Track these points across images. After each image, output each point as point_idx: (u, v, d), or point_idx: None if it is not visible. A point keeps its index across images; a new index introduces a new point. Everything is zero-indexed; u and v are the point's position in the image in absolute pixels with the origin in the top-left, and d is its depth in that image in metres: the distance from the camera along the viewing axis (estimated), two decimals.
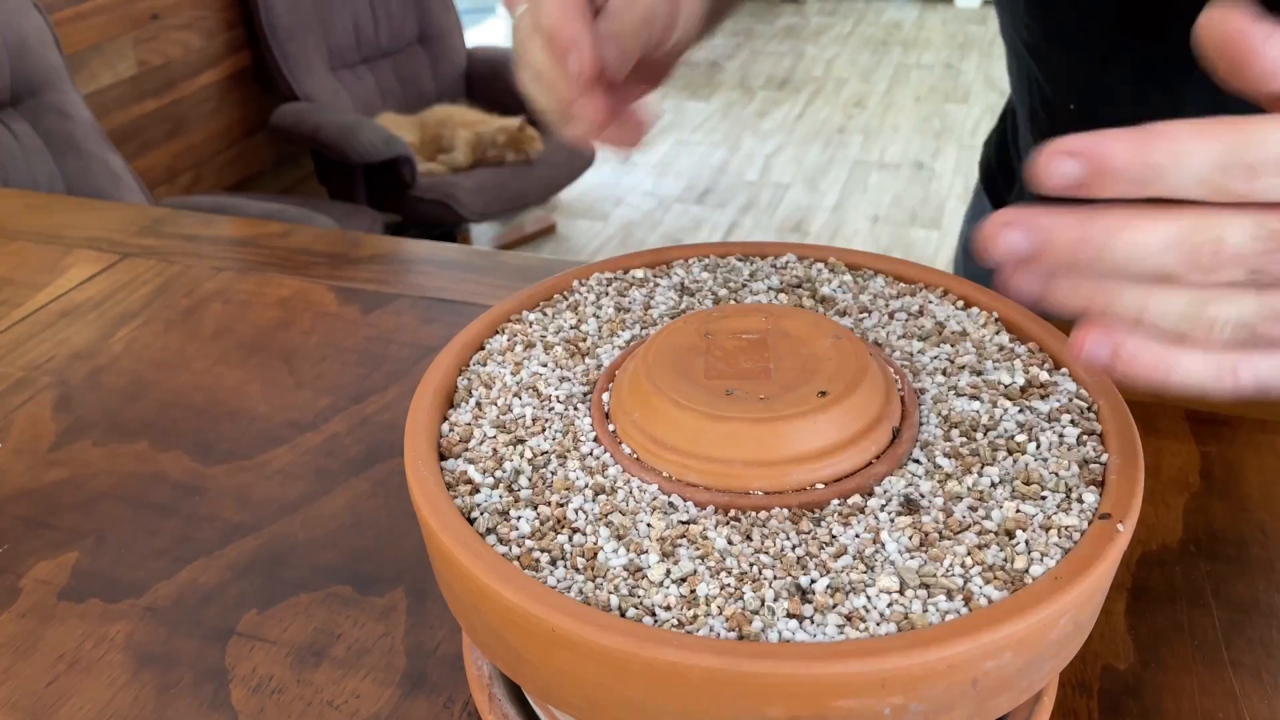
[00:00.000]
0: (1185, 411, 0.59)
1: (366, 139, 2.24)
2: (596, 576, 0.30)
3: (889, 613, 0.29)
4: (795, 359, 0.36)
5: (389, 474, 0.56)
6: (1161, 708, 0.42)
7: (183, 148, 2.32)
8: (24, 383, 0.65)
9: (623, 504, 0.33)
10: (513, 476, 0.34)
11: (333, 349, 0.67)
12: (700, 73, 4.13)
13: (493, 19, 4.44)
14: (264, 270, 0.77)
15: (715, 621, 0.28)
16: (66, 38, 1.96)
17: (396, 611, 0.47)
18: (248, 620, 0.47)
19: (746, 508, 0.32)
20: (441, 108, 2.65)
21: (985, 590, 0.29)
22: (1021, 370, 0.38)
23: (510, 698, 0.39)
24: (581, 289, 0.45)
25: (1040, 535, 0.31)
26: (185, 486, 0.55)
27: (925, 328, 0.41)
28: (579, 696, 0.30)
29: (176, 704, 0.43)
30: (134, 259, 0.79)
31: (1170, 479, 0.54)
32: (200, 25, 2.32)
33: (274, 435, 0.59)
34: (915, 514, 0.32)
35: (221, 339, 0.69)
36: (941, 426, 0.36)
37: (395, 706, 0.43)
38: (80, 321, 0.71)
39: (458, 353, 0.41)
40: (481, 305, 0.71)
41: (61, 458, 0.58)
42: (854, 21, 4.77)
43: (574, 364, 0.40)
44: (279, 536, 0.52)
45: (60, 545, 0.52)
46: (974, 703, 0.29)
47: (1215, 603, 0.46)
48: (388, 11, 2.65)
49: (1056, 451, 0.34)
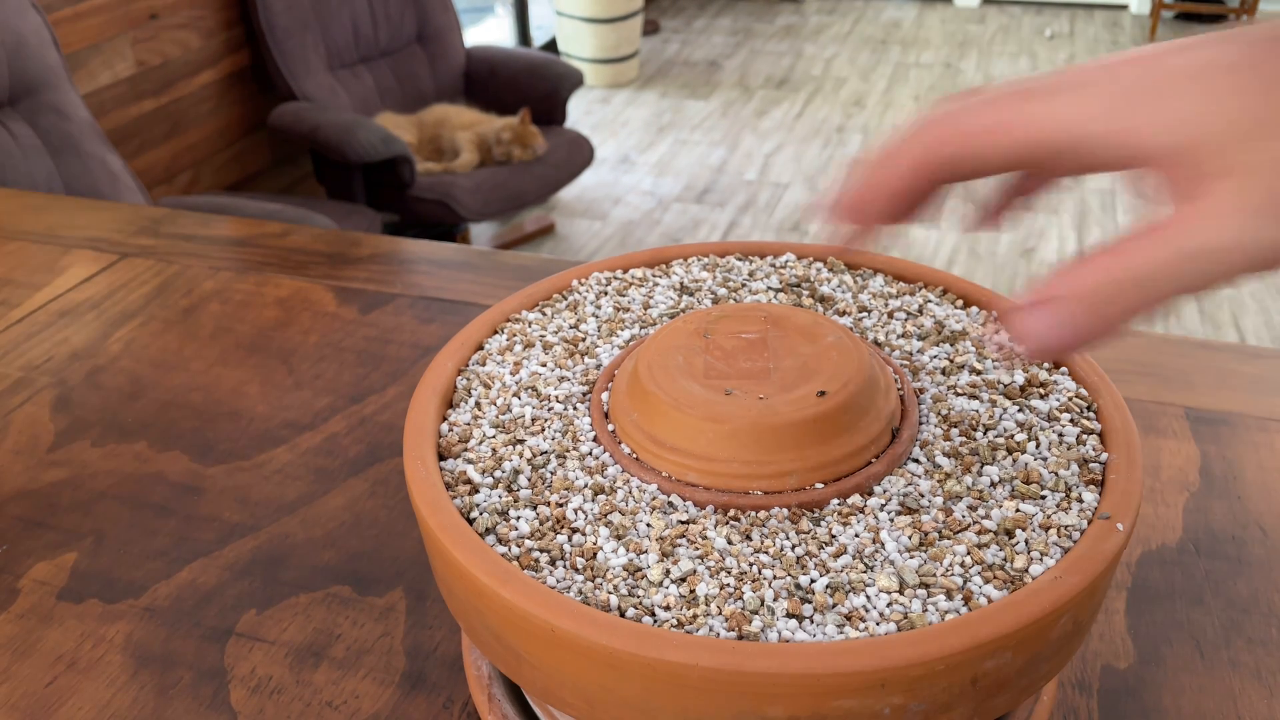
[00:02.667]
0: (1185, 411, 0.59)
1: (365, 138, 2.24)
2: (596, 576, 0.30)
3: (889, 612, 0.29)
4: (795, 359, 0.36)
5: (388, 474, 0.56)
6: (1161, 708, 0.42)
7: (181, 147, 2.32)
8: (22, 383, 0.65)
9: (622, 504, 0.33)
10: (512, 476, 0.34)
11: (331, 349, 0.67)
12: (699, 72, 4.13)
13: (492, 18, 4.44)
14: (262, 270, 0.77)
15: (715, 621, 0.28)
16: (65, 37, 1.96)
17: (396, 612, 0.47)
18: (247, 620, 0.47)
19: (746, 507, 0.32)
20: (440, 107, 2.65)
21: (985, 590, 0.29)
22: (1021, 369, 0.38)
23: (510, 698, 0.39)
24: (581, 289, 0.45)
25: (1040, 535, 0.31)
26: (184, 487, 0.55)
27: (925, 327, 0.41)
28: (579, 696, 0.30)
29: (176, 704, 0.43)
30: (132, 259, 0.79)
31: (1170, 479, 0.54)
32: (198, 25, 2.32)
33: (273, 435, 0.59)
34: (914, 514, 0.32)
35: (220, 339, 0.69)
36: (941, 426, 0.36)
37: (395, 707, 0.43)
38: (79, 322, 0.71)
39: (457, 352, 0.41)
40: (481, 305, 0.71)
41: (60, 458, 0.58)
42: (853, 21, 4.77)
43: (573, 364, 0.40)
44: (278, 537, 0.52)
45: (59, 546, 0.52)
46: (974, 702, 0.29)
47: (1215, 602, 0.46)
48: (386, 11, 2.64)
49: (1056, 451, 0.34)
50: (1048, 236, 2.75)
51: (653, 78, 4.07)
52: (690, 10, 4.90)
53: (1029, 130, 0.27)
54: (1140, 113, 0.26)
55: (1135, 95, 0.26)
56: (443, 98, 2.76)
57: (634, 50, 3.99)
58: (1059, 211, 2.88)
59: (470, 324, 0.43)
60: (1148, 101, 0.26)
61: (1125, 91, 0.26)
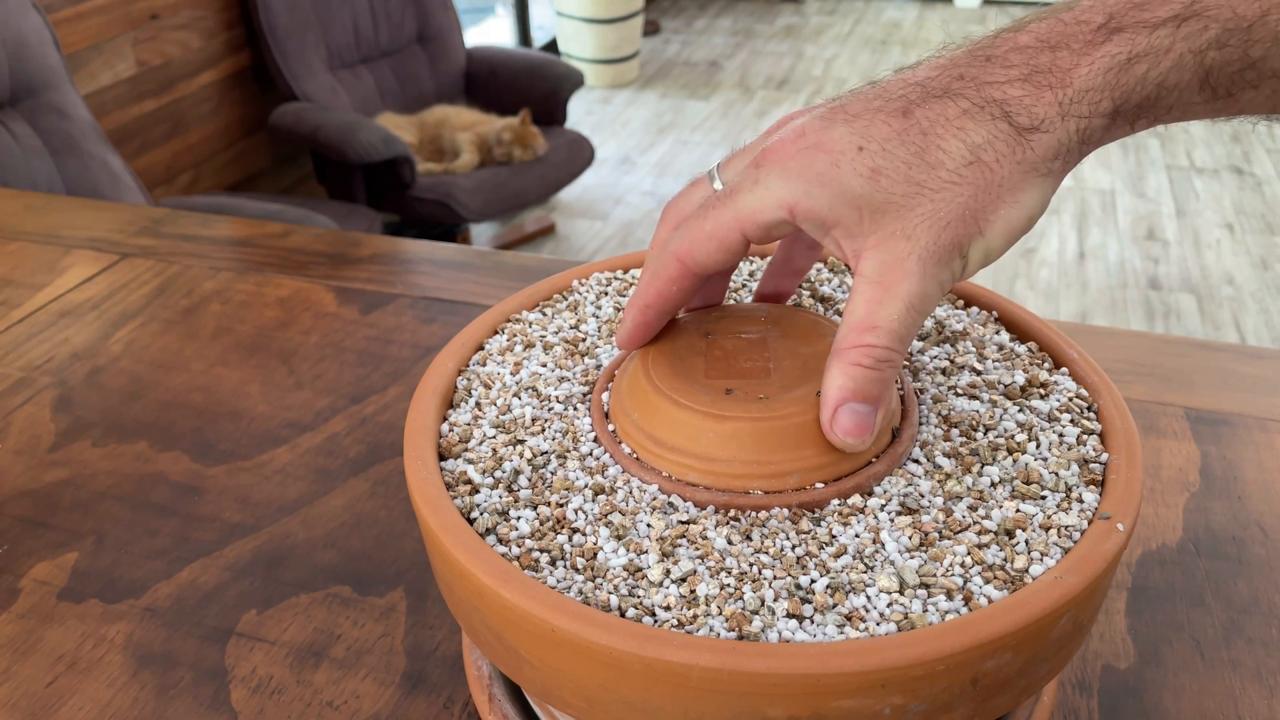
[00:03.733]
0: (1185, 411, 0.59)
1: (365, 139, 2.24)
2: (596, 576, 0.30)
3: (889, 612, 0.29)
4: (795, 359, 0.36)
5: (388, 474, 0.56)
6: (1161, 708, 0.42)
7: (182, 148, 2.32)
8: (23, 383, 0.65)
9: (622, 504, 0.33)
10: (512, 476, 0.34)
11: (332, 349, 0.67)
12: (700, 72, 4.13)
13: (492, 19, 4.44)
14: (263, 270, 0.77)
15: (715, 621, 0.28)
16: (65, 38, 1.96)
17: (396, 612, 0.47)
18: (247, 620, 0.47)
19: (746, 507, 0.32)
20: (440, 108, 2.65)
21: (985, 590, 0.29)
22: (1021, 370, 0.38)
23: (510, 698, 0.39)
24: (581, 289, 0.45)
25: (1040, 535, 0.31)
26: (184, 487, 0.55)
27: (925, 327, 0.41)
28: (579, 696, 0.30)
29: (176, 704, 0.43)
30: (133, 259, 0.79)
31: (1170, 479, 0.54)
32: (199, 25, 2.32)
33: (273, 435, 0.59)
34: (915, 514, 0.32)
35: (221, 339, 0.69)
36: (941, 426, 0.36)
37: (395, 707, 0.43)
38: (79, 322, 0.71)
39: (457, 353, 0.41)
40: (481, 305, 0.71)
41: (61, 458, 0.58)
42: (853, 21, 4.77)
43: (573, 364, 0.40)
44: (278, 537, 0.52)
45: (59, 546, 0.52)
46: (974, 703, 0.29)
47: (1215, 603, 0.46)
48: (387, 11, 2.64)
49: (1056, 451, 0.34)
50: (1048, 237, 2.75)
51: (653, 78, 4.07)
52: (691, 11, 4.90)
53: (741, 227, 0.33)
54: (818, 195, 0.31)
55: (813, 180, 0.32)
56: (443, 98, 2.76)
57: (634, 51, 3.99)
58: (1059, 212, 2.88)
59: (471, 324, 0.43)
60: (824, 184, 0.31)
61: (803, 174, 0.32)
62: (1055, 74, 0.31)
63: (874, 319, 0.31)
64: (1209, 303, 2.45)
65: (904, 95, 0.32)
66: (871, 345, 0.31)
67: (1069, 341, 0.40)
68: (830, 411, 0.32)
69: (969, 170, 0.31)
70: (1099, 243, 2.72)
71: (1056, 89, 0.31)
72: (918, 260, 0.31)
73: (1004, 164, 0.31)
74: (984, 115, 0.31)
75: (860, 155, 0.31)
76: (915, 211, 0.31)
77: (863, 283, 0.32)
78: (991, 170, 0.31)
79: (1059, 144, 0.31)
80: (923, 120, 0.31)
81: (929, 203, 0.31)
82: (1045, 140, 0.31)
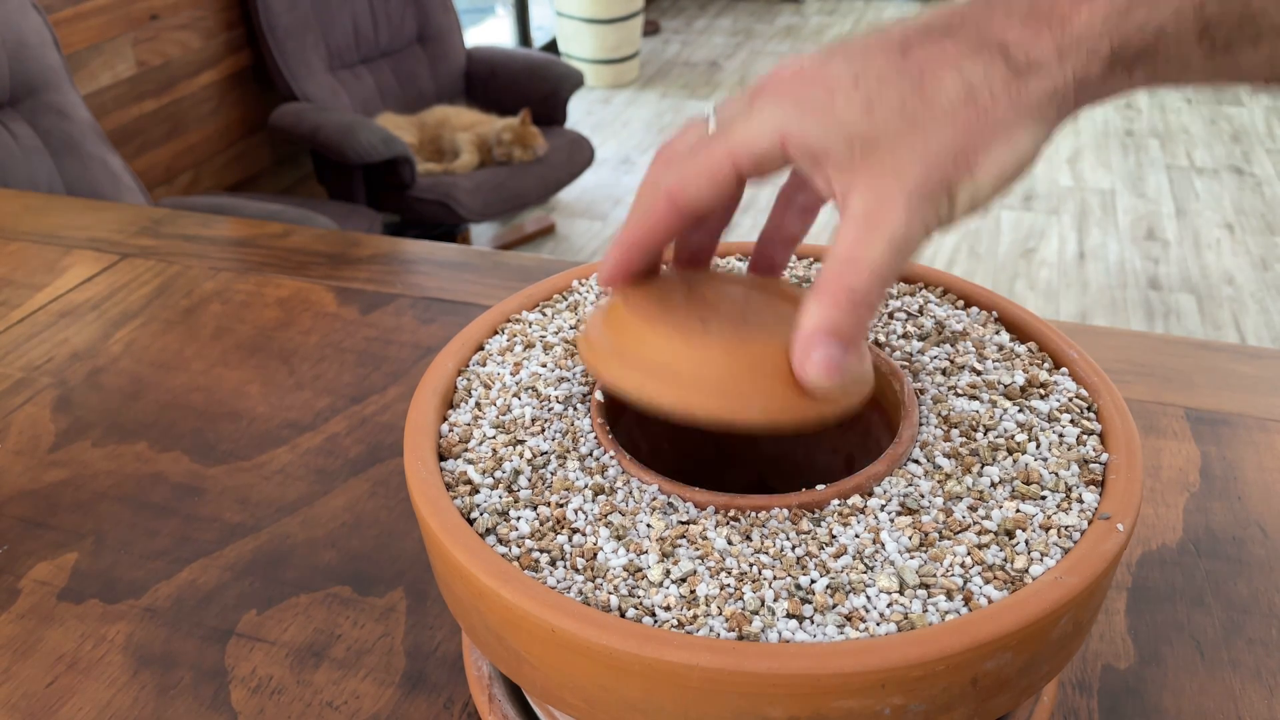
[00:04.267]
0: (1185, 411, 0.59)
1: (365, 139, 2.24)
2: (596, 577, 0.30)
3: (889, 613, 0.29)
4: (775, 313, 0.35)
5: (388, 474, 0.56)
6: (1161, 708, 0.42)
7: (182, 148, 2.32)
8: (23, 383, 0.65)
9: (622, 504, 0.33)
10: (512, 477, 0.34)
11: (332, 349, 0.67)
12: (700, 72, 4.13)
13: (492, 19, 4.44)
14: (263, 270, 0.77)
15: (715, 621, 0.28)
16: (65, 38, 1.96)
17: (396, 612, 0.47)
18: (247, 621, 0.47)
19: (746, 508, 0.32)
20: (440, 108, 2.65)
21: (985, 590, 0.29)
22: (1021, 370, 0.38)
23: (510, 698, 0.39)
24: (581, 289, 0.45)
25: (1040, 535, 0.31)
26: (185, 487, 0.55)
27: (925, 327, 0.41)
28: (579, 696, 0.30)
29: (176, 704, 0.43)
30: (133, 259, 0.79)
31: (1170, 479, 0.54)
32: (199, 25, 2.32)
33: (273, 436, 0.59)
34: (915, 514, 0.32)
35: (221, 339, 0.69)
36: (941, 426, 0.36)
37: (395, 707, 0.43)
38: (79, 322, 0.71)
39: (457, 353, 0.41)
40: (481, 305, 0.71)
41: (61, 458, 0.58)
42: (854, 21, 4.78)
43: (573, 364, 0.40)
44: (278, 537, 0.52)
45: (59, 546, 0.52)
46: (974, 703, 0.29)
47: (1215, 602, 0.46)
48: (387, 11, 2.64)
49: (1056, 451, 0.34)
50: (1048, 237, 2.75)
51: (653, 78, 4.07)
52: (690, 11, 4.90)
53: (733, 159, 0.33)
54: (811, 125, 0.31)
55: (806, 110, 0.31)
56: (443, 98, 2.76)
57: (634, 51, 3.99)
58: (1059, 212, 2.88)
59: (471, 324, 0.43)
60: (817, 114, 0.31)
61: (798, 105, 0.32)
62: (1056, 17, 0.31)
63: (856, 257, 0.31)
64: (1209, 303, 2.45)
65: (904, 35, 0.32)
66: (852, 283, 0.31)
67: (1069, 342, 0.40)
68: (803, 345, 0.31)
69: (964, 107, 0.31)
70: (1099, 243, 2.72)
71: (1055, 30, 0.30)
72: (904, 199, 0.31)
73: (999, 103, 0.31)
74: (982, 55, 0.31)
75: (855, 88, 0.31)
76: (907, 146, 0.31)
77: (849, 220, 0.31)
78: (986, 109, 0.31)
79: (1054, 87, 0.31)
80: (921, 58, 0.31)
81: (921, 138, 0.31)
82: (1042, 82, 0.31)
